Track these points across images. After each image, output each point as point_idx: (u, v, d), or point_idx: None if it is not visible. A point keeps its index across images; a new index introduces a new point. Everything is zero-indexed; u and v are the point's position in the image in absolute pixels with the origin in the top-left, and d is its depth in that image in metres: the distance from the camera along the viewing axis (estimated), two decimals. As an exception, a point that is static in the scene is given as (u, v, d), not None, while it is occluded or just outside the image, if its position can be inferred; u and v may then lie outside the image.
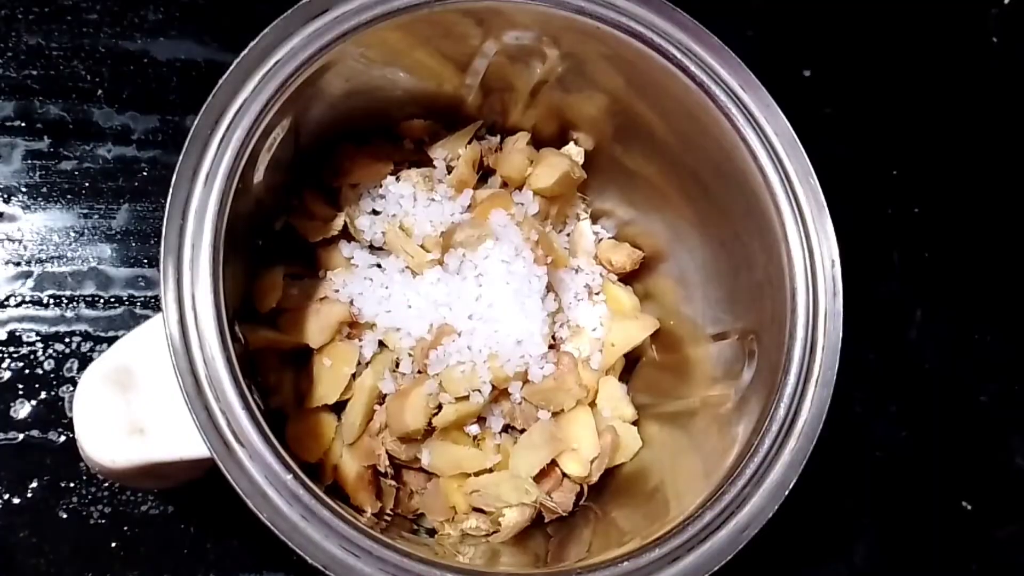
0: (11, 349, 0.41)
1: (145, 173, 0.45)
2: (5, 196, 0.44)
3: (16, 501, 0.40)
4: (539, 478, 0.38)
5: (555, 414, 0.39)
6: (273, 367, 0.37)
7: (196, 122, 0.31)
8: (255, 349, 0.36)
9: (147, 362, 0.32)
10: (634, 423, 0.40)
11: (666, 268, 0.41)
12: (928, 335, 0.50)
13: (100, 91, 0.45)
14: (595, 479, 0.38)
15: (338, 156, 0.40)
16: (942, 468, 0.48)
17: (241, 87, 0.31)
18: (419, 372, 0.37)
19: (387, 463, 0.37)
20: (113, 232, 0.44)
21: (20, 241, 0.43)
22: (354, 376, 0.37)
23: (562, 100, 0.40)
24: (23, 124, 0.44)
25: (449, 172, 0.41)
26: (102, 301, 0.43)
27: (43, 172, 0.44)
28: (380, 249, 0.40)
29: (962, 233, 0.52)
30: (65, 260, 0.43)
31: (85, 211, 0.44)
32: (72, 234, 0.43)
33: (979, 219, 0.53)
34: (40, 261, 0.43)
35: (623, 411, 0.40)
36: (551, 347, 0.39)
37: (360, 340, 0.38)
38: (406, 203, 0.40)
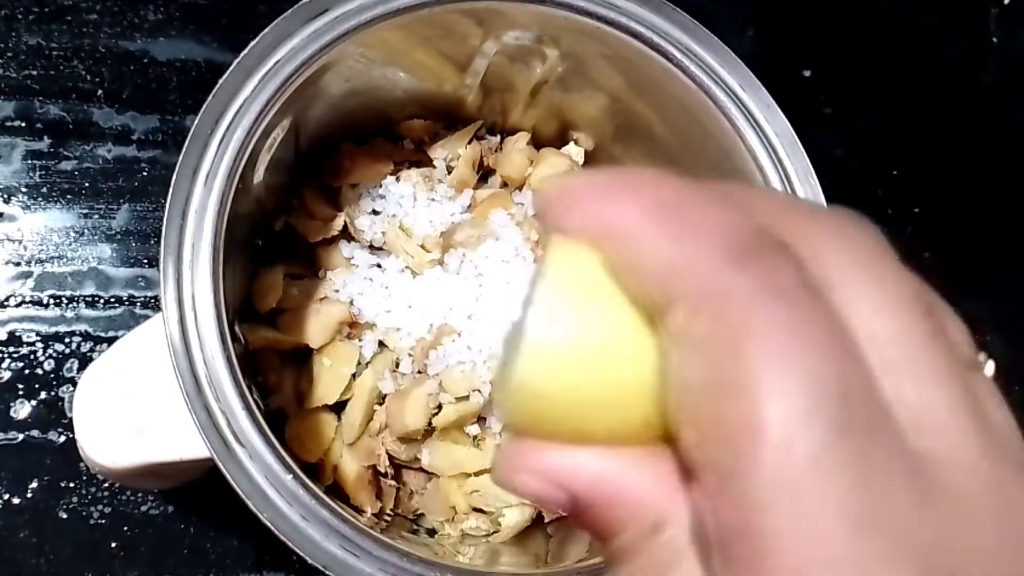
0: (11, 349, 0.41)
1: (145, 173, 0.45)
2: (5, 196, 0.44)
3: (16, 501, 0.40)
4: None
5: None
6: (273, 367, 0.37)
7: (196, 122, 0.31)
8: (255, 349, 0.36)
9: (147, 362, 0.32)
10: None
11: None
12: (928, 335, 0.50)
13: (100, 91, 0.45)
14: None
15: (338, 156, 0.40)
16: (942, 468, 0.48)
17: (241, 87, 0.31)
18: (419, 372, 0.37)
19: (387, 463, 0.37)
20: (113, 232, 0.44)
21: (20, 241, 0.43)
22: (354, 376, 0.37)
23: (562, 100, 0.40)
24: (23, 124, 0.44)
25: (449, 172, 0.41)
26: (102, 301, 0.43)
27: (43, 172, 0.44)
28: (380, 249, 0.40)
29: (962, 233, 0.52)
30: (65, 260, 0.43)
31: (85, 211, 0.44)
32: (72, 234, 0.43)
33: (979, 219, 0.53)
34: (40, 261, 0.43)
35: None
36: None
37: (360, 340, 0.38)
38: (406, 203, 0.40)
